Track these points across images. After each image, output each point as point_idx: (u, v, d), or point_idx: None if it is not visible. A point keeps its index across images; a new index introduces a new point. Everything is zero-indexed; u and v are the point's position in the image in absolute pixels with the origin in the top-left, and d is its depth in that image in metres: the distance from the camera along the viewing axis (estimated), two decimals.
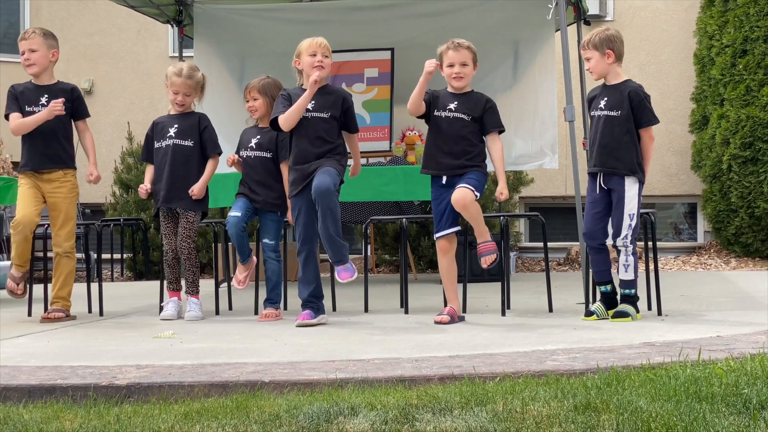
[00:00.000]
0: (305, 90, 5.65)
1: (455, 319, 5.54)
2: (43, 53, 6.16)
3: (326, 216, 5.47)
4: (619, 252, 5.54)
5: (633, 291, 5.55)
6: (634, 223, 5.51)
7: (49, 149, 6.12)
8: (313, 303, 5.69)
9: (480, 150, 5.67)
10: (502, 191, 5.61)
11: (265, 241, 6.16)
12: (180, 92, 6.20)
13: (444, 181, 5.62)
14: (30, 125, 6.06)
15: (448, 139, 5.63)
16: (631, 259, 5.52)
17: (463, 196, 5.45)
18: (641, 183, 5.56)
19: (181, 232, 6.19)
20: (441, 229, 5.65)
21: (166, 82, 6.28)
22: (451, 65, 5.62)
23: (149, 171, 6.33)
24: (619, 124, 5.51)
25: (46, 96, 6.11)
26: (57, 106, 5.99)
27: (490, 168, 5.76)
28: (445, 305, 6.29)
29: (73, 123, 6.27)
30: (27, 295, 6.35)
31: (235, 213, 6.10)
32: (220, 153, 6.34)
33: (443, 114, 5.64)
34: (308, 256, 5.70)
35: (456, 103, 5.63)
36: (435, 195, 5.70)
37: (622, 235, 5.50)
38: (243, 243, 6.11)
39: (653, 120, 5.56)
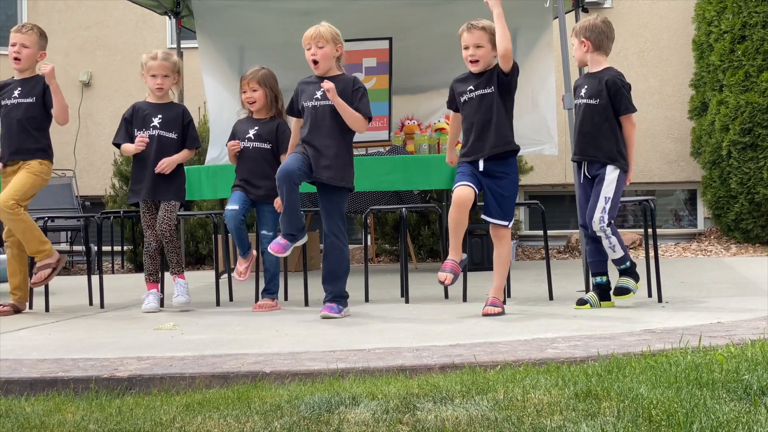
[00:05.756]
0: (316, 78, 5.62)
1: (457, 271, 5.32)
2: (33, 52, 6.20)
3: (333, 258, 5.55)
4: (599, 238, 5.50)
5: (628, 263, 5.52)
6: (608, 207, 5.42)
7: (14, 141, 6.12)
8: (293, 236, 5.56)
9: (511, 124, 5.46)
10: None
11: (263, 232, 6.16)
12: (158, 75, 6.19)
13: (481, 167, 5.40)
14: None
15: (479, 122, 5.40)
16: (613, 239, 5.46)
17: (500, 234, 5.41)
18: (623, 171, 5.52)
19: (161, 217, 6.17)
20: (465, 179, 5.35)
21: (142, 72, 6.27)
22: (466, 47, 5.42)
23: (128, 146, 6.25)
24: (599, 113, 5.50)
25: (19, 89, 6.15)
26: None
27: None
28: (446, 295, 6.29)
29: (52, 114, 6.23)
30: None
31: (232, 206, 6.09)
32: (198, 148, 6.36)
33: (466, 96, 5.45)
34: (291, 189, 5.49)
35: (477, 82, 5.42)
36: (466, 163, 5.45)
37: (596, 217, 5.41)
38: (242, 236, 6.11)
39: (630, 108, 5.51)
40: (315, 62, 5.59)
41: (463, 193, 5.29)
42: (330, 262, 5.57)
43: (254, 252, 6.25)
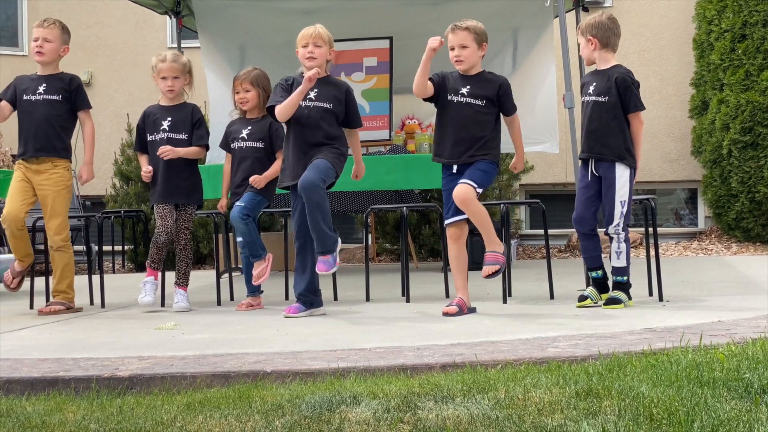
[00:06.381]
0: (302, 78, 5.64)
1: (464, 310, 5.37)
2: (56, 46, 6.19)
3: (313, 210, 5.37)
4: (611, 239, 5.50)
5: (625, 278, 5.51)
6: (625, 210, 5.44)
7: (40, 138, 6.11)
8: (306, 298, 5.63)
9: (491, 136, 5.47)
10: (516, 165, 5.67)
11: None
12: (168, 77, 6.20)
13: (455, 170, 5.44)
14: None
15: (458, 126, 5.44)
16: (623, 246, 5.47)
17: (463, 192, 5.28)
18: (632, 169, 5.52)
19: (180, 225, 6.22)
20: (449, 216, 5.47)
21: (153, 75, 6.28)
22: (452, 48, 5.45)
23: (144, 160, 6.33)
24: (607, 110, 5.49)
25: (44, 85, 6.13)
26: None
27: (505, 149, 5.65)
28: (447, 294, 6.30)
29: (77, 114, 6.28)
30: (19, 290, 6.34)
31: (240, 238, 6.05)
32: (205, 145, 6.32)
33: (455, 98, 5.45)
34: (303, 247, 5.61)
35: (468, 87, 5.44)
36: (445, 182, 5.51)
37: (614, 223, 5.44)
38: (251, 272, 6.05)
39: (639, 106, 5.51)
40: (311, 60, 5.57)
41: (455, 234, 5.50)
42: (310, 216, 5.41)
43: (269, 254, 6.11)
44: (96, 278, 6.69)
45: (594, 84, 5.55)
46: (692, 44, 11.04)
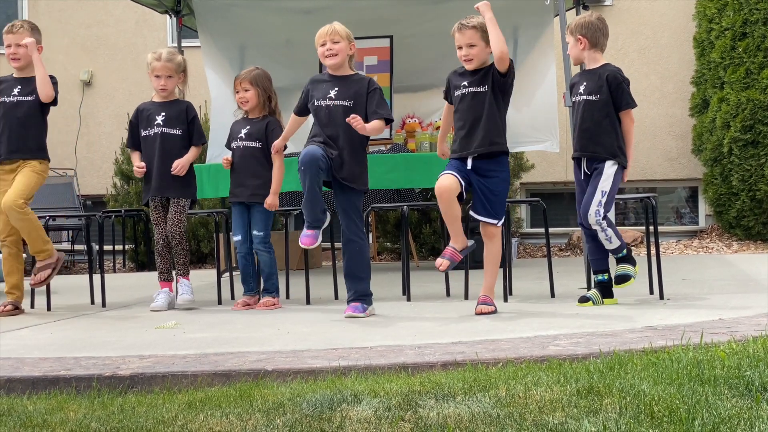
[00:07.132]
0: (329, 77, 5.57)
1: (455, 259, 5.34)
2: (30, 48, 6.17)
3: (354, 253, 5.45)
4: (595, 232, 5.49)
5: (624, 251, 5.51)
6: (604, 201, 5.40)
7: (13, 140, 6.11)
8: (318, 221, 5.40)
9: (501, 121, 5.40)
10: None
11: (255, 232, 6.16)
12: (162, 75, 6.23)
13: (470, 165, 5.36)
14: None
15: (468, 116, 5.37)
16: (609, 231, 5.43)
17: (492, 230, 5.38)
18: (622, 167, 5.51)
19: (171, 218, 6.20)
20: (449, 170, 5.32)
21: (148, 71, 6.30)
22: (459, 47, 5.40)
23: (136, 156, 6.34)
24: (599, 109, 5.49)
25: (18, 87, 6.15)
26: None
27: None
28: (448, 293, 6.30)
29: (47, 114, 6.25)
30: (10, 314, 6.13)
31: (236, 237, 6.16)
32: (204, 143, 6.37)
33: (458, 92, 5.42)
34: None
35: (470, 78, 5.40)
36: (455, 159, 5.40)
37: (592, 210, 5.40)
38: (248, 271, 6.19)
39: (631, 103, 5.51)
40: (330, 57, 5.50)
41: (445, 182, 5.26)
42: (348, 261, 5.50)
43: (258, 297, 6.23)
44: (97, 277, 6.69)
45: (585, 83, 5.56)
46: (693, 42, 11.04)
